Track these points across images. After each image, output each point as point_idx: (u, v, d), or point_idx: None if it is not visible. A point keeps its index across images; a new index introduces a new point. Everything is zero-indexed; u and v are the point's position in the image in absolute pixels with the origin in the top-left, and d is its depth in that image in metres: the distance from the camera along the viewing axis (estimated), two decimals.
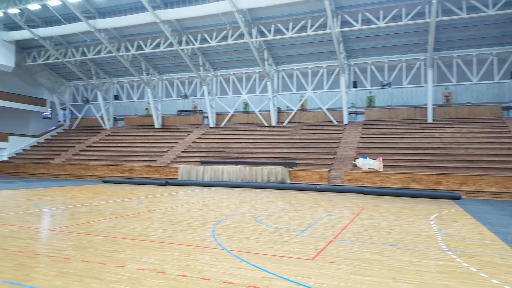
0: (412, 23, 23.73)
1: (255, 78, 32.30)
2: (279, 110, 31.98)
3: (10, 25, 32.36)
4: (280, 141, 28.37)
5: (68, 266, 6.06)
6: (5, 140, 34.66)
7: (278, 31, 26.55)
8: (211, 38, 28.11)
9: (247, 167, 23.80)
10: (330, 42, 27.06)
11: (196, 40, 28.70)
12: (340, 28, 25.06)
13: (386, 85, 28.02)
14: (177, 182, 24.26)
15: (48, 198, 15.86)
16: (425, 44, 26.34)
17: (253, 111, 32.57)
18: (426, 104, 27.52)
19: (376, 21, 23.89)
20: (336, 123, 29.59)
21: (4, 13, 29.21)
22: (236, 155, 27.29)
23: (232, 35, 27.25)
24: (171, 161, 28.07)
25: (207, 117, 34.32)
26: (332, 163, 24.19)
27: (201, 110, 35.33)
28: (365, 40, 27.30)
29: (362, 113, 29.97)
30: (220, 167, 24.56)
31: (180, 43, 28.96)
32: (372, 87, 29.39)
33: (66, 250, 7.06)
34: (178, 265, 6.12)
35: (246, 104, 33.59)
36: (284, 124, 31.13)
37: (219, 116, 33.77)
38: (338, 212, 12.85)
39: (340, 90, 29.18)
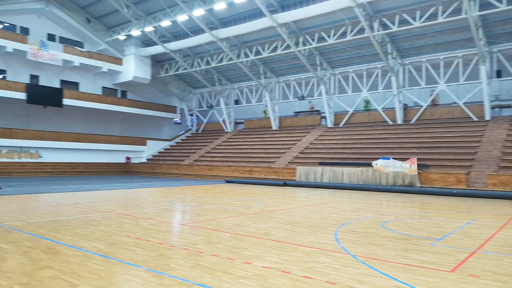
0: None
1: (377, 74, 30.62)
2: (405, 107, 29.80)
3: (146, 42, 36.45)
4: (407, 140, 26.40)
5: (201, 259, 6.40)
6: (144, 144, 39.13)
7: (403, 22, 24.65)
8: (328, 36, 27.59)
9: (370, 169, 22.61)
10: (466, 28, 24.18)
11: (313, 39, 28.50)
12: (479, 11, 22.13)
13: None
14: (295, 183, 24.36)
15: (180, 196, 17.29)
16: None
17: (375, 109, 30.99)
18: None
19: None
20: (475, 119, 26.40)
21: (142, 31, 32.97)
22: (357, 156, 26.28)
23: (351, 31, 26.30)
24: (289, 162, 28.36)
25: (324, 117, 33.85)
26: (471, 165, 21.57)
27: (318, 111, 35.02)
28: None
29: (509, 106, 26.24)
30: (339, 169, 23.92)
31: (297, 44, 29.11)
32: None
33: (198, 244, 7.49)
34: (302, 267, 6.02)
35: (367, 102, 32.14)
36: (411, 122, 28.92)
37: (338, 116, 33.01)
38: (481, 220, 11.35)
39: (480, 82, 25.87)
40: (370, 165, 21.95)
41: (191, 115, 44.41)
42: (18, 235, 8.22)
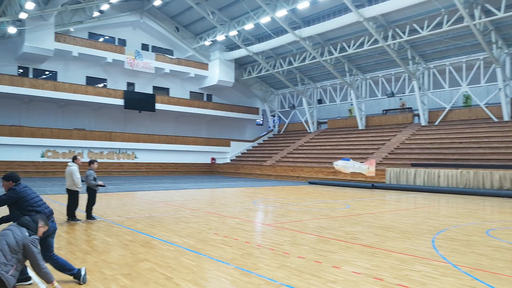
0: None
1: (478, 65, 27.78)
2: None
3: (230, 46, 37.56)
4: None
5: (287, 260, 6.32)
6: (228, 145, 40.38)
7: (510, 7, 21.97)
8: (421, 28, 25.77)
9: (471, 171, 20.57)
10: None
11: (404, 32, 26.83)
12: None
13: None
14: (385, 186, 23.19)
15: (263, 196, 17.45)
16: None
17: (477, 105, 28.25)
18: None
19: None
20: None
21: (226, 36, 34.05)
22: (455, 156, 24.18)
23: (447, 21, 24.24)
24: (377, 163, 27.08)
25: (417, 115, 31.78)
26: None
27: (410, 108, 33.03)
28: None
29: None
30: (435, 171, 22.19)
31: (385, 38, 27.71)
32: None
33: (283, 245, 7.42)
34: (396, 274, 5.64)
35: (466, 97, 29.38)
36: None
37: (432, 113, 30.76)
38: None
39: None
40: (471, 166, 19.94)
41: (273, 116, 44.81)
42: (119, 229, 8.88)
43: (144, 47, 36.63)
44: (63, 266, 5.06)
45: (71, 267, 5.09)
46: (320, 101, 39.10)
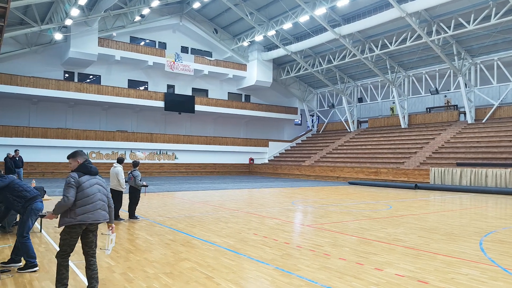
0: None
1: None
2: None
3: (268, 46, 37.57)
4: None
5: (328, 261, 6.21)
6: (266, 146, 40.40)
7: None
8: (467, 22, 24.60)
9: None
10: None
11: (448, 27, 25.75)
12: None
13: None
14: (429, 186, 22.37)
15: (302, 197, 17.30)
16: None
17: None
18: None
19: None
20: None
21: (264, 36, 34.09)
22: (504, 155, 22.87)
23: (496, 14, 23.01)
24: (421, 163, 26.21)
25: (463, 113, 30.38)
26: None
27: (455, 105, 31.70)
28: None
29: None
30: (482, 170, 21.15)
31: (429, 34, 26.71)
32: None
33: (324, 246, 7.30)
34: (442, 277, 5.43)
35: None
36: None
37: (479, 110, 29.32)
38: None
39: None
40: None
41: (312, 115, 44.36)
42: (161, 228, 9.09)
43: (184, 49, 37.36)
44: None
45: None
46: (360, 100, 38.26)
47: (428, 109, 33.59)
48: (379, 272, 5.65)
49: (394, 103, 34.64)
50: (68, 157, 4.76)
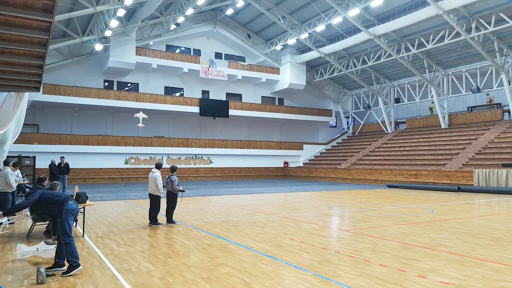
0: None
1: None
2: None
3: (301, 49, 37.37)
4: None
5: (368, 268, 6.04)
6: (301, 149, 40.09)
7: None
8: (510, 17, 23.42)
9: None
10: None
11: (489, 23, 24.64)
12: None
13: None
14: (472, 189, 21.41)
15: (339, 200, 17.00)
16: None
17: None
18: None
19: None
20: None
21: (297, 39, 33.94)
22: None
23: None
24: (463, 164, 25.15)
25: (507, 111, 28.88)
26: None
27: (499, 104, 30.21)
28: None
29: None
30: None
31: (468, 30, 25.69)
32: None
33: (363, 252, 7.12)
34: (490, 285, 5.17)
35: None
36: None
37: None
38: None
39: None
40: None
41: (347, 117, 43.63)
42: (198, 233, 9.17)
43: (218, 55, 37.83)
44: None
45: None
46: (397, 100, 37.25)
47: (469, 108, 32.25)
48: (422, 280, 5.45)
49: (433, 102, 33.49)
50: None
